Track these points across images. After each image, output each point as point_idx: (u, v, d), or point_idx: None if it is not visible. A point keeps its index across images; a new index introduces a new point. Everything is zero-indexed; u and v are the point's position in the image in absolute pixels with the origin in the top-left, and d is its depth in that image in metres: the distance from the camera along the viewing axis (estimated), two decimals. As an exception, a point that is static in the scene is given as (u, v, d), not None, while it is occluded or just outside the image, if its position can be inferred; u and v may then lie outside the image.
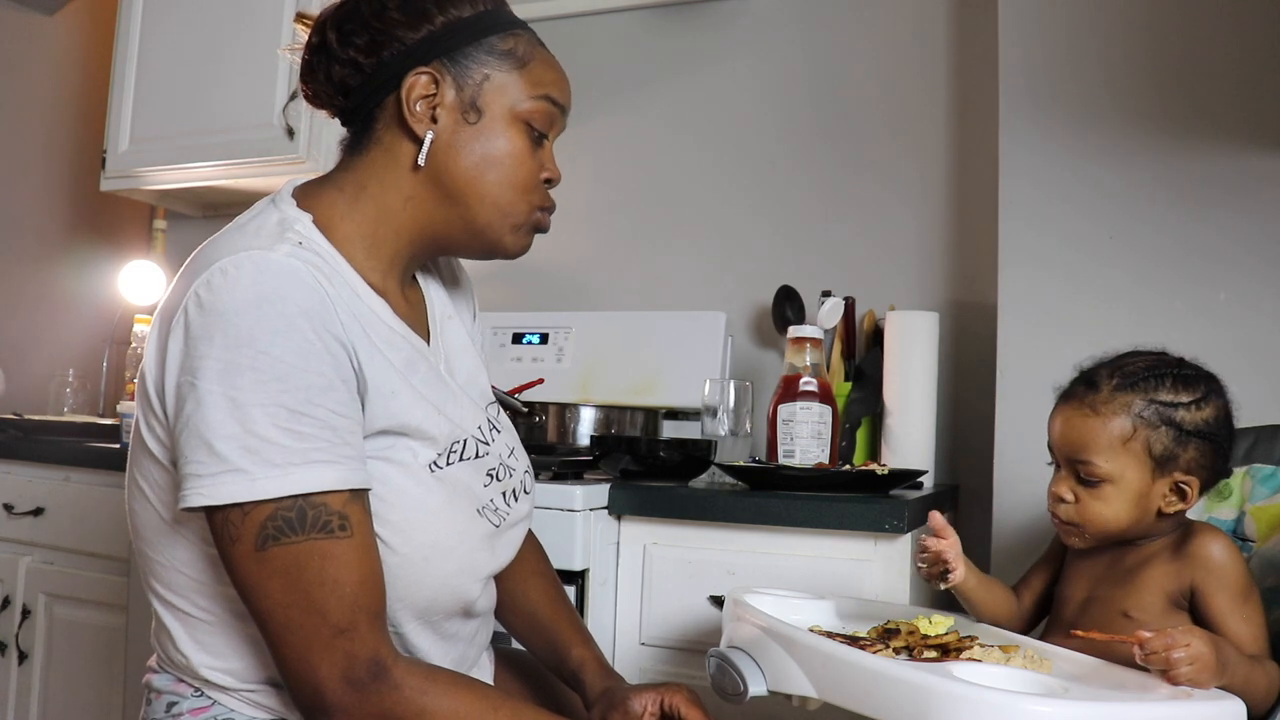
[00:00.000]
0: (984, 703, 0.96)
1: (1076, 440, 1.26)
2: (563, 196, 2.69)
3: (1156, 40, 1.89)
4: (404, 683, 1.04)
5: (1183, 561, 1.25)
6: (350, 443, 1.05)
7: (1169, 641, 1.08)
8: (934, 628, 1.23)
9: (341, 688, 1.01)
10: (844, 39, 2.50)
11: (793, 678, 1.12)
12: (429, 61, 1.17)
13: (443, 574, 1.17)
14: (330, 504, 1.02)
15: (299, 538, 1.01)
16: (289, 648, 1.03)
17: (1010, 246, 1.97)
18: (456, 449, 1.21)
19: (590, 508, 1.75)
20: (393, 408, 1.13)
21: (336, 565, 1.02)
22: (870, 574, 1.66)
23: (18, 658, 2.38)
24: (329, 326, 1.05)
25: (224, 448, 1.00)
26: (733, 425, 2.08)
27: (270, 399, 1.00)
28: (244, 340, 1.01)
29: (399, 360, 1.16)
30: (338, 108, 1.23)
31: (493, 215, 1.21)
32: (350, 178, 1.20)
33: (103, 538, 2.29)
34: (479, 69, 1.19)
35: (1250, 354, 1.77)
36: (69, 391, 3.13)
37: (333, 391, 1.04)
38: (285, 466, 1.00)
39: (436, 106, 1.17)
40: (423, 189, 1.19)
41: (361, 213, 1.19)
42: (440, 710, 1.05)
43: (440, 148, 1.18)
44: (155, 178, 2.83)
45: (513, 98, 1.20)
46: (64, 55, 3.48)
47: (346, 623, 1.02)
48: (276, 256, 1.05)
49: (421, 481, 1.15)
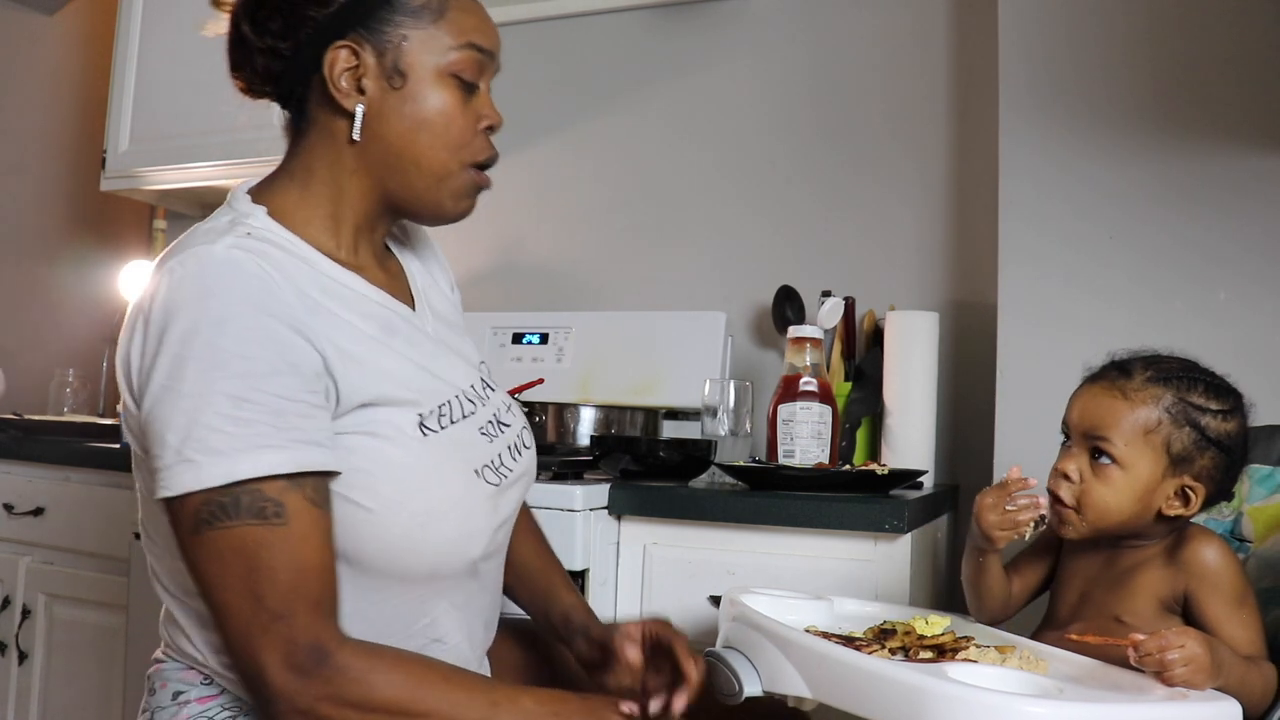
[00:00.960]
0: (979, 704, 0.96)
1: (1100, 417, 1.25)
2: (563, 196, 2.72)
3: (1157, 40, 1.89)
4: (348, 665, 1.02)
5: (1176, 567, 1.24)
6: (300, 426, 1.04)
7: (1163, 643, 1.08)
8: (930, 628, 1.22)
9: (284, 673, 1.00)
10: (844, 39, 2.50)
11: (788, 678, 1.12)
12: (345, 34, 1.16)
13: (442, 539, 1.17)
14: (266, 491, 1.02)
15: (232, 523, 1.01)
16: (232, 633, 1.03)
17: (1010, 246, 1.96)
18: (446, 410, 1.20)
19: (590, 508, 1.75)
20: (367, 377, 1.12)
21: (271, 552, 1.02)
22: (870, 574, 1.65)
23: (18, 658, 2.38)
24: (272, 312, 1.06)
25: (174, 439, 1.01)
26: (733, 425, 2.07)
27: (213, 388, 1.01)
28: (189, 334, 1.02)
29: (375, 327, 1.17)
30: (267, 93, 1.23)
31: (429, 180, 1.20)
32: (298, 164, 1.22)
33: (103, 538, 2.29)
34: (395, 31, 1.17)
35: (1250, 354, 1.76)
36: (69, 391, 3.13)
37: (277, 377, 1.04)
38: (229, 453, 1.01)
39: (362, 77, 1.17)
40: (364, 161, 1.19)
41: (315, 195, 1.20)
42: (389, 686, 1.04)
43: (372, 117, 1.17)
44: (155, 178, 2.83)
45: (434, 53, 1.18)
46: (64, 55, 3.48)
47: (284, 609, 1.01)
48: (218, 249, 1.07)
49: (410, 450, 1.15)
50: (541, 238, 2.77)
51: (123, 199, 3.11)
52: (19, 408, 2.99)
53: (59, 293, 3.36)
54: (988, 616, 1.39)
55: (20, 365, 3.13)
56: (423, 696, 1.05)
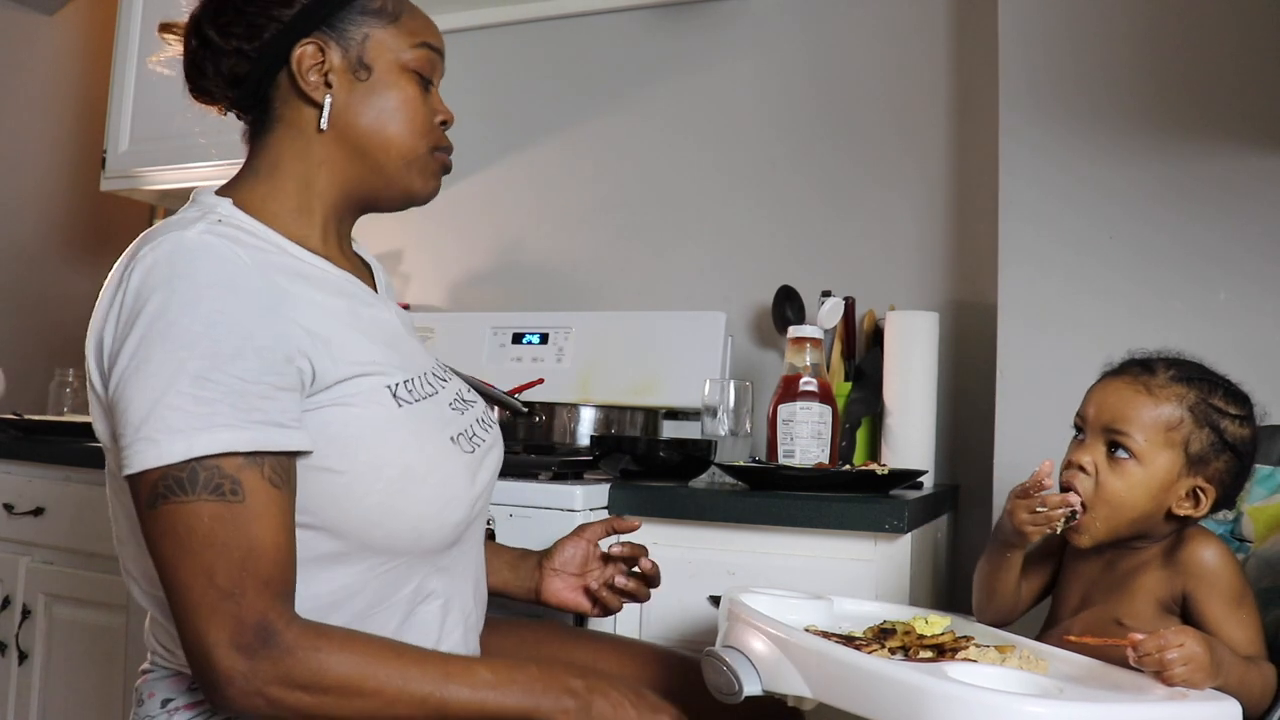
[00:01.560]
0: (978, 703, 0.96)
1: (1121, 411, 1.25)
2: (563, 196, 2.73)
3: (1157, 40, 1.89)
4: (296, 644, 1.02)
5: (1175, 568, 1.24)
6: (261, 408, 1.05)
7: (1162, 642, 1.08)
8: (930, 628, 1.22)
9: (230, 654, 1.00)
10: (844, 39, 2.50)
11: (787, 677, 1.11)
12: (310, 32, 1.22)
13: (422, 502, 1.18)
14: (224, 467, 1.02)
15: (188, 498, 1.01)
16: (181, 611, 1.02)
17: (1010, 246, 1.97)
18: (414, 384, 1.22)
19: (590, 508, 1.74)
20: (338, 356, 1.14)
21: (225, 528, 1.02)
22: (870, 574, 1.65)
23: (18, 658, 2.38)
24: (241, 294, 1.07)
25: (136, 418, 1.02)
26: (733, 425, 2.07)
27: (177, 367, 1.02)
28: (156, 315, 1.04)
29: (343, 306, 1.19)
30: (230, 99, 1.27)
31: (400, 163, 1.26)
32: (263, 160, 1.25)
33: (103, 538, 2.28)
34: (358, 29, 1.24)
35: (1250, 354, 1.76)
36: (69, 391, 3.12)
37: (241, 359, 1.05)
38: (187, 431, 1.01)
39: (328, 72, 1.22)
40: (333, 151, 1.24)
41: (282, 188, 1.23)
42: (339, 665, 1.03)
43: (340, 109, 1.23)
44: (155, 178, 2.83)
45: (395, 50, 1.25)
46: (64, 55, 3.48)
47: (233, 586, 1.01)
48: (190, 234, 1.09)
49: (386, 417, 1.16)
50: (541, 238, 2.77)
51: (123, 199, 3.11)
52: (19, 408, 2.99)
53: (59, 293, 3.36)
54: (996, 617, 1.39)
55: (20, 365, 3.13)
56: (373, 673, 1.04)
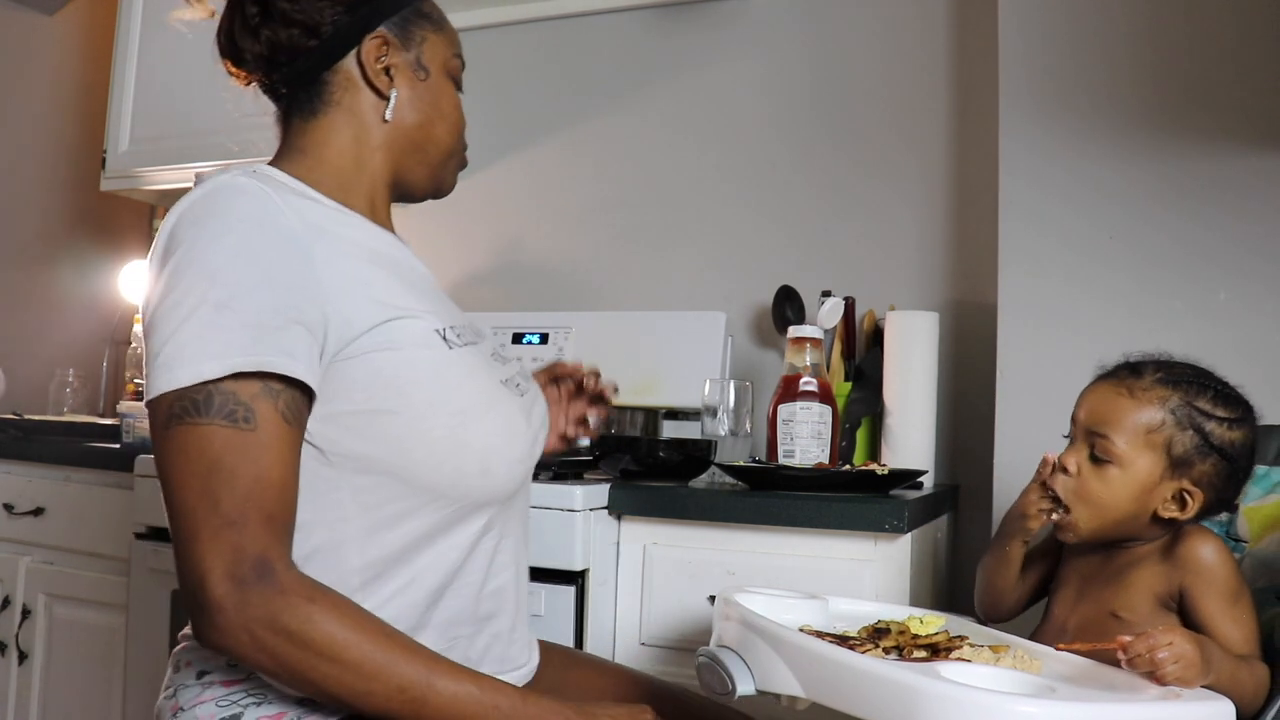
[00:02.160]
0: (971, 703, 0.96)
1: (1103, 414, 1.27)
2: (563, 196, 2.72)
3: (1157, 40, 1.89)
4: (291, 588, 1.01)
5: (1172, 564, 1.25)
6: (276, 338, 1.05)
7: (1151, 642, 1.08)
8: (924, 627, 1.22)
9: (225, 583, 0.99)
10: (844, 39, 2.49)
11: (781, 677, 1.11)
12: (375, 26, 1.26)
13: (485, 434, 1.19)
14: (239, 394, 1.03)
15: (202, 419, 1.02)
16: (182, 535, 1.02)
17: (1010, 246, 1.96)
18: (458, 329, 1.24)
19: (590, 508, 1.75)
20: (377, 296, 1.15)
21: (235, 455, 1.02)
22: (870, 574, 1.65)
23: (18, 658, 2.38)
24: (269, 231, 1.10)
25: (157, 345, 1.04)
26: (733, 425, 2.07)
27: (200, 298, 1.04)
28: (188, 250, 1.07)
29: (382, 250, 1.23)
30: (267, 73, 1.28)
31: (441, 159, 1.35)
32: (308, 140, 1.28)
33: (103, 538, 2.29)
34: (417, 31, 1.30)
35: (1250, 354, 1.76)
36: (69, 391, 3.13)
37: (261, 291, 1.06)
38: (201, 356, 1.02)
39: (390, 66, 1.27)
40: (388, 140, 1.29)
41: (330, 165, 1.27)
42: (328, 623, 1.02)
43: (400, 103, 1.29)
44: (155, 178, 2.84)
45: (443, 56, 1.33)
46: (64, 55, 3.48)
47: (237, 515, 1.01)
48: (225, 177, 1.13)
49: (437, 358, 1.18)
50: (541, 238, 2.76)
51: (123, 199, 3.12)
52: (19, 408, 2.99)
53: (59, 293, 3.37)
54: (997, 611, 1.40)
55: (20, 365, 3.13)
56: (359, 644, 1.03)
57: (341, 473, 1.13)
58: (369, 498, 1.14)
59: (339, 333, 1.11)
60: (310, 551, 1.12)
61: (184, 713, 1.15)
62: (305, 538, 1.11)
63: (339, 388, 1.11)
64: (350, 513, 1.14)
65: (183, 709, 1.15)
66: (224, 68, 1.31)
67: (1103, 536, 1.28)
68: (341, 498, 1.14)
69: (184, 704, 1.16)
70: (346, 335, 1.11)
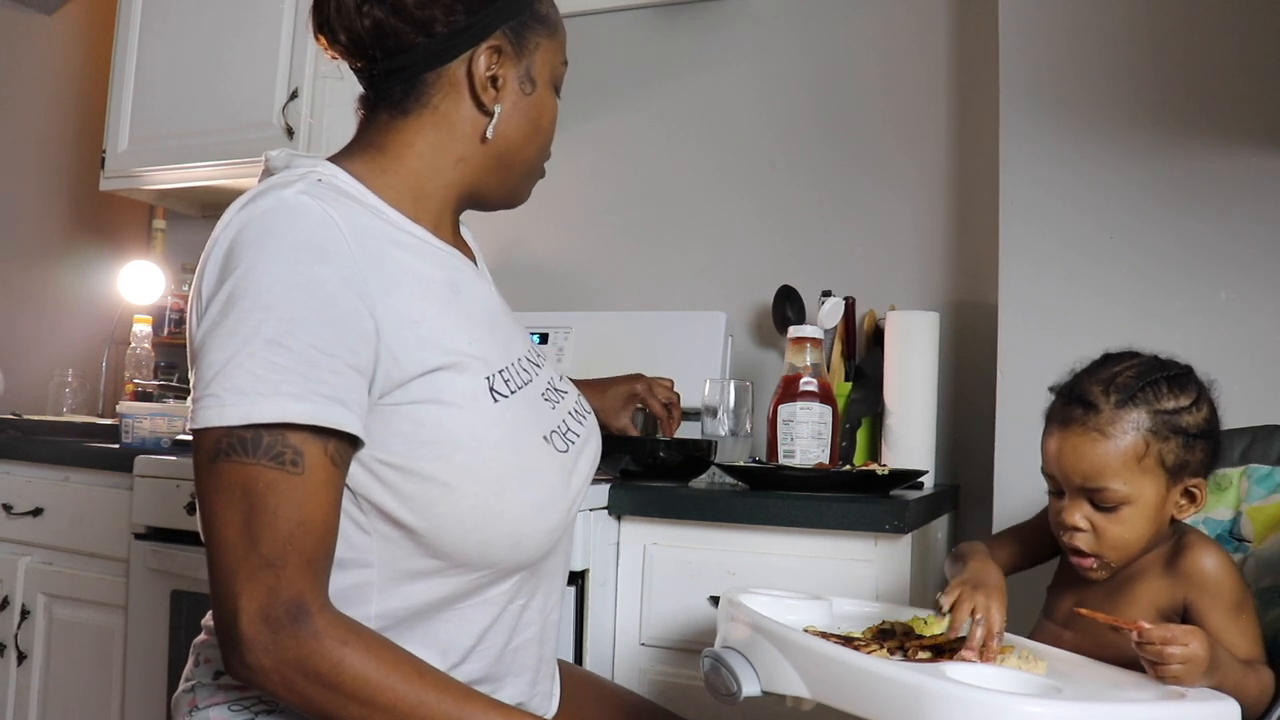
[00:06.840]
0: (977, 703, 0.96)
1: (1089, 468, 1.22)
2: (563, 196, 2.72)
3: (1157, 39, 1.89)
4: (324, 631, 1.00)
5: (1175, 577, 1.24)
6: (328, 381, 1.03)
7: (1168, 635, 1.07)
8: (929, 628, 1.22)
9: (257, 623, 0.98)
10: (844, 39, 2.50)
11: (786, 678, 1.11)
12: (492, 31, 1.19)
13: (520, 507, 1.16)
14: (288, 437, 1.01)
15: (248, 460, 1.00)
16: (218, 570, 1.01)
17: (1010, 246, 1.96)
18: (511, 373, 1.20)
19: (590, 508, 1.74)
20: (429, 339, 1.11)
21: (279, 497, 1.00)
22: (870, 574, 1.65)
23: (17, 658, 2.38)
24: (329, 261, 1.05)
25: (209, 374, 1.02)
26: (733, 425, 2.07)
27: (253, 328, 1.01)
28: (244, 274, 1.03)
29: (442, 279, 1.17)
30: (361, 59, 1.20)
31: (523, 173, 1.28)
32: (392, 140, 1.21)
33: (102, 538, 2.29)
34: (533, 38, 1.22)
35: (1250, 354, 1.76)
36: (69, 391, 3.12)
37: (317, 326, 1.03)
38: (253, 395, 1.00)
39: (498, 77, 1.20)
40: (477, 154, 1.22)
41: (406, 168, 1.20)
42: (359, 665, 1.00)
43: (500, 120, 1.21)
44: (155, 178, 2.83)
45: (553, 64, 1.25)
46: (64, 55, 3.48)
47: (276, 556, 0.99)
48: (288, 194, 1.07)
49: (481, 416, 1.13)
50: (541, 238, 2.76)
51: (122, 199, 3.12)
52: (19, 408, 2.99)
53: (59, 293, 3.36)
54: None
55: (20, 365, 3.13)
56: (391, 685, 1.01)
57: (369, 517, 1.11)
58: (394, 550, 1.12)
59: (387, 373, 1.08)
60: (333, 592, 1.10)
61: (198, 711, 1.16)
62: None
63: (379, 434, 1.09)
64: (371, 559, 1.13)
65: (197, 707, 1.16)
66: (318, 42, 1.22)
67: (1134, 560, 1.27)
68: (365, 542, 1.12)
69: (199, 702, 1.16)
70: (396, 377, 1.09)
